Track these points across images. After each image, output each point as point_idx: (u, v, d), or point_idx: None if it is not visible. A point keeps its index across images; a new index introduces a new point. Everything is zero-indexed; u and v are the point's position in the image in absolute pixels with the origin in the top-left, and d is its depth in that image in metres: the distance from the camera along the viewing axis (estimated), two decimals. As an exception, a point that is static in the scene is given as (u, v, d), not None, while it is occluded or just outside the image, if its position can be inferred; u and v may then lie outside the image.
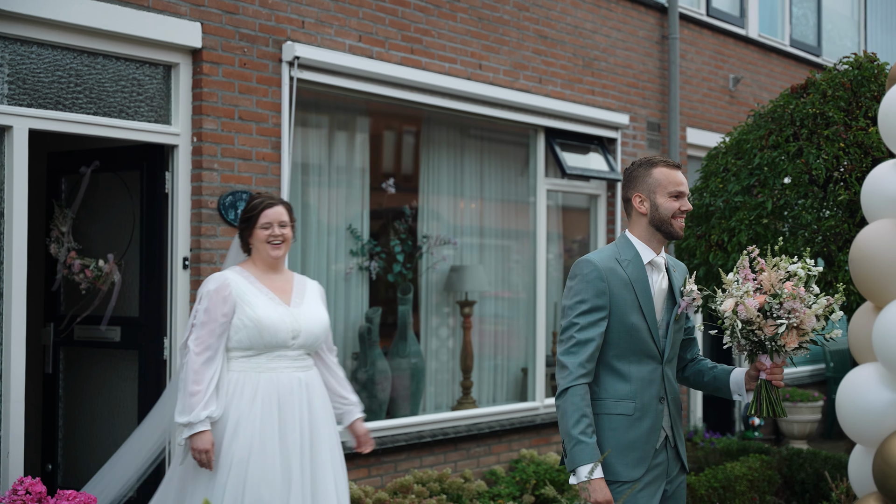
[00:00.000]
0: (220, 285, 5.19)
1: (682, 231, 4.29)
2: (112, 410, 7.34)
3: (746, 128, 7.46)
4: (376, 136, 8.77)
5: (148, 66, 6.91)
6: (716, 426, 12.04)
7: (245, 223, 5.35)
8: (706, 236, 7.18)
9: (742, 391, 4.34)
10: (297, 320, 5.22)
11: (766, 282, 3.83)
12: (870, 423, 2.98)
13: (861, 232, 2.98)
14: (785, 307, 3.76)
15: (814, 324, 3.80)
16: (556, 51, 9.69)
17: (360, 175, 8.44)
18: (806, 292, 3.80)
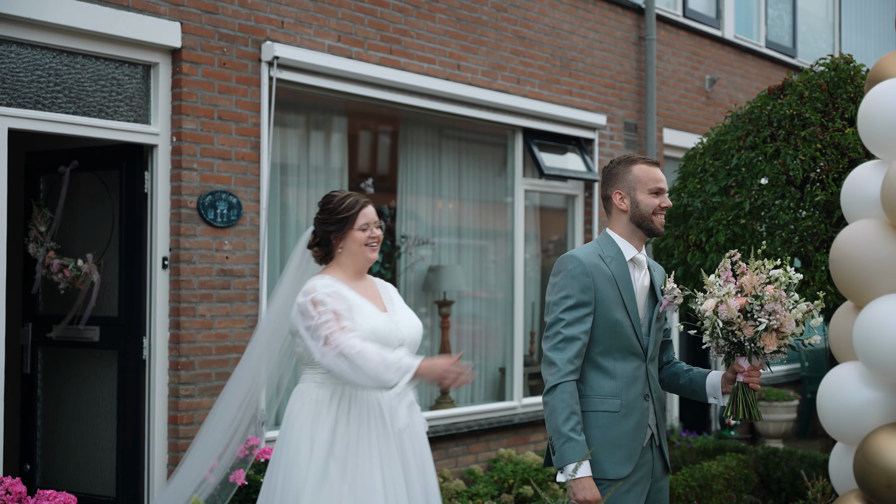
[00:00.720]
0: (332, 290, 4.51)
1: (662, 227, 4.31)
2: (91, 410, 7.32)
3: (724, 128, 7.51)
4: (355, 136, 8.77)
5: (127, 65, 6.90)
6: (692, 425, 12.11)
7: (337, 225, 4.69)
8: (684, 236, 7.22)
9: (718, 394, 4.33)
10: (400, 328, 4.71)
11: (747, 284, 3.85)
12: (850, 422, 3.02)
13: (841, 232, 3.02)
14: (766, 308, 3.78)
15: (793, 328, 3.82)
16: (534, 51, 9.72)
17: (338, 175, 8.44)
18: (787, 297, 3.81)
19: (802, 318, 3.78)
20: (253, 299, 7.36)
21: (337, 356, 4.36)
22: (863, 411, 3.01)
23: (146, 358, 6.98)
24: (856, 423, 3.01)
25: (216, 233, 7.14)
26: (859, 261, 3.00)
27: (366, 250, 4.71)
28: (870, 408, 3.00)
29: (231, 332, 7.22)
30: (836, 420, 3.03)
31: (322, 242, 4.75)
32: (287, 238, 7.99)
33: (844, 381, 3.04)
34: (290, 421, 4.63)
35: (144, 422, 6.99)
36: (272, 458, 4.67)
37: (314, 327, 4.42)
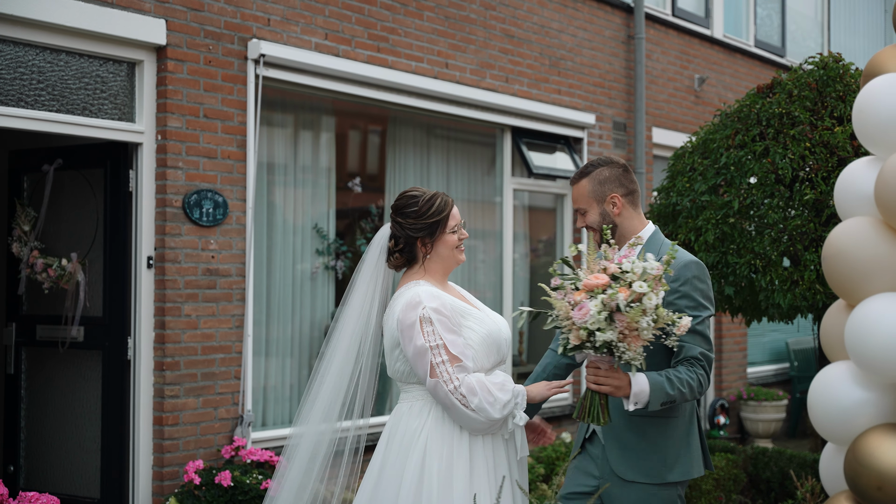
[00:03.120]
0: (438, 303, 4.13)
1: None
2: (75, 411, 7.26)
3: (713, 127, 7.47)
4: (342, 135, 8.72)
5: (112, 63, 6.83)
6: (681, 425, 12.08)
7: (428, 229, 4.25)
8: (673, 235, 7.18)
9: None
10: (500, 327, 4.32)
11: (583, 295, 3.77)
12: (841, 422, 2.97)
13: (834, 230, 2.97)
14: (616, 320, 3.72)
15: (644, 325, 3.70)
16: (523, 50, 9.68)
17: (325, 174, 8.39)
18: (629, 295, 3.70)
19: (654, 313, 3.68)
20: (239, 299, 7.31)
21: (446, 394, 4.05)
22: (854, 411, 2.96)
23: (131, 358, 6.91)
24: (847, 423, 2.96)
25: (202, 232, 7.08)
26: (852, 259, 2.96)
27: (457, 253, 4.29)
28: (861, 408, 2.95)
29: (217, 332, 7.16)
30: (827, 420, 2.99)
31: (405, 248, 4.28)
32: (274, 237, 7.93)
33: (835, 381, 3.00)
34: (411, 446, 4.18)
35: (129, 422, 6.92)
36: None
37: (421, 351, 4.06)
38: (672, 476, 4.16)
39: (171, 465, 6.90)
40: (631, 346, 3.75)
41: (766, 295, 6.73)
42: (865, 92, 2.99)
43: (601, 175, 4.34)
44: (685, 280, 4.07)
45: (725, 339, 12.58)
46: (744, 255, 6.79)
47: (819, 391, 3.00)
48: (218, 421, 7.17)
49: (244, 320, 7.32)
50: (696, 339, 4.02)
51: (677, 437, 4.17)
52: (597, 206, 4.34)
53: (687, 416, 4.21)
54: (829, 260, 2.99)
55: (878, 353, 2.82)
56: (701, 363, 4.02)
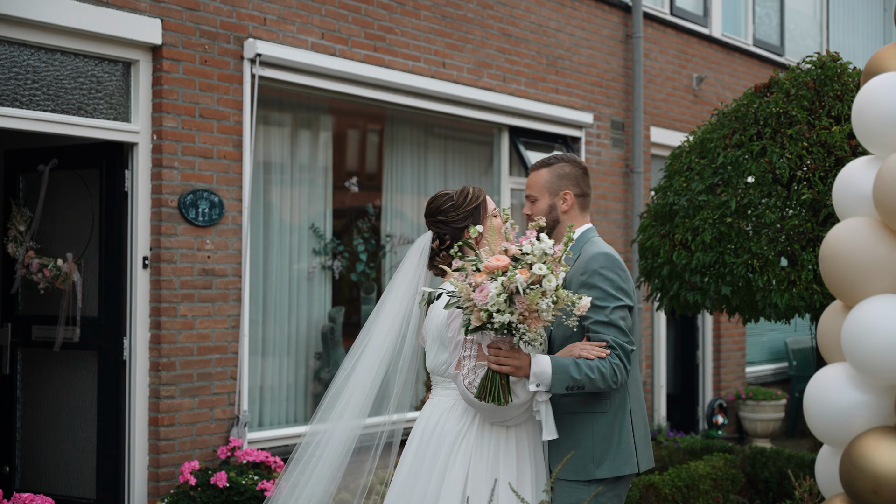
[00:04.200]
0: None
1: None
2: (71, 412, 7.24)
3: (710, 127, 7.45)
4: (339, 135, 8.70)
5: (107, 62, 6.81)
6: (679, 425, 12.05)
7: (473, 214, 4.30)
8: (670, 235, 7.15)
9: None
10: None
11: (483, 277, 3.79)
12: (837, 424, 2.94)
13: (832, 230, 2.94)
14: (516, 302, 3.74)
15: (544, 306, 3.71)
16: (520, 49, 9.66)
17: (322, 173, 8.36)
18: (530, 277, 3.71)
19: (553, 293, 3.70)
20: (235, 299, 7.28)
21: (470, 385, 4.06)
22: (850, 414, 2.93)
23: (126, 359, 6.89)
24: (843, 425, 2.94)
25: (197, 232, 7.05)
26: (850, 259, 2.93)
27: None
28: (857, 410, 2.93)
29: (213, 333, 7.14)
30: (823, 422, 2.96)
31: (452, 246, 4.25)
32: (270, 237, 7.91)
33: (832, 383, 2.97)
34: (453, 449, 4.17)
35: (125, 423, 6.90)
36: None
37: (457, 343, 4.12)
38: (600, 472, 4.08)
39: (167, 466, 6.88)
40: (531, 326, 3.77)
41: (764, 295, 6.70)
42: (865, 91, 2.96)
43: (562, 169, 4.35)
44: (591, 272, 4.05)
45: (724, 338, 12.56)
46: (741, 254, 6.77)
47: (815, 393, 2.97)
48: (214, 421, 7.15)
49: (240, 320, 7.30)
50: (610, 329, 4.00)
51: (603, 432, 4.10)
52: (548, 198, 4.34)
53: (614, 411, 4.12)
54: (827, 261, 2.96)
55: (875, 355, 2.80)
56: (615, 351, 3.99)
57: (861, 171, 3.02)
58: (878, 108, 2.93)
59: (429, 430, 4.24)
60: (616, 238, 10.65)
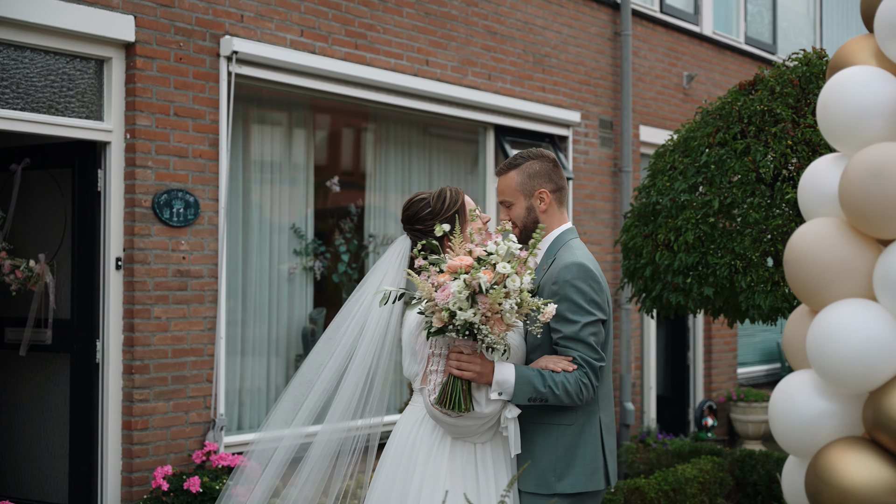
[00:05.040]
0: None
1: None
2: (44, 415, 7.12)
3: (694, 125, 7.32)
4: (321, 134, 8.58)
5: (79, 60, 6.68)
6: (670, 427, 11.93)
7: (451, 221, 4.07)
8: (653, 235, 7.03)
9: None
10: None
11: (447, 277, 3.68)
12: (803, 434, 2.82)
13: (797, 231, 2.81)
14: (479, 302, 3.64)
15: (507, 308, 3.61)
16: (506, 47, 9.53)
17: (304, 173, 8.24)
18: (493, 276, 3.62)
19: (518, 296, 3.61)
20: (211, 300, 7.15)
21: (427, 404, 3.99)
22: (816, 424, 2.80)
23: (99, 361, 6.76)
24: (808, 435, 2.81)
25: (172, 232, 6.93)
26: (815, 262, 2.80)
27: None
28: (823, 420, 2.80)
29: (188, 335, 7.01)
30: (788, 432, 2.83)
31: (435, 250, 4.09)
32: (250, 238, 7.79)
33: (797, 391, 2.84)
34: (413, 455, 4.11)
35: (98, 427, 6.77)
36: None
37: (428, 356, 4.00)
38: (561, 487, 3.93)
39: (141, 471, 6.76)
40: (493, 329, 3.65)
41: (747, 296, 6.58)
42: (830, 85, 2.83)
43: (531, 168, 4.17)
44: (563, 282, 3.90)
45: (715, 339, 12.44)
46: (724, 255, 6.65)
47: (780, 401, 2.84)
48: (189, 425, 7.03)
49: (216, 322, 7.17)
50: (578, 345, 3.85)
51: (565, 445, 3.95)
52: (523, 200, 4.17)
53: (580, 425, 3.97)
54: (791, 263, 2.83)
55: (841, 362, 2.67)
56: (582, 369, 3.84)
57: (826, 170, 2.89)
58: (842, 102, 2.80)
59: (402, 441, 4.13)
60: (604, 238, 10.52)
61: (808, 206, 2.93)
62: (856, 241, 2.72)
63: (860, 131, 2.74)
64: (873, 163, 2.64)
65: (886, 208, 2.57)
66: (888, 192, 2.56)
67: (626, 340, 10.67)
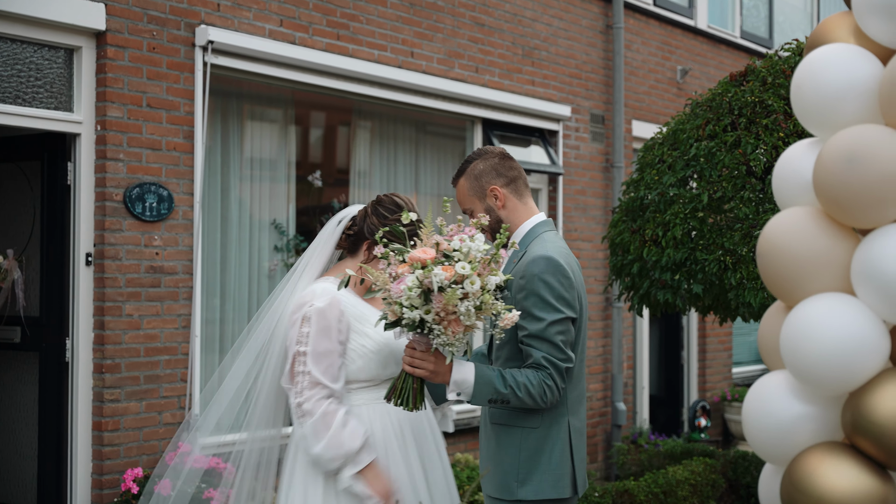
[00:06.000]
0: (329, 301, 3.93)
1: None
2: (12, 416, 6.93)
3: (683, 117, 7.11)
4: (302, 127, 8.36)
5: (47, 49, 6.48)
6: (664, 427, 11.71)
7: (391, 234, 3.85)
8: (640, 231, 6.81)
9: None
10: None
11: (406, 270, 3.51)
12: (778, 439, 2.62)
13: (769, 222, 2.61)
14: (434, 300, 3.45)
15: (464, 309, 3.45)
16: (494, 39, 9.32)
17: (285, 167, 8.03)
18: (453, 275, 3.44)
19: (479, 297, 3.43)
20: (186, 297, 6.95)
21: (296, 407, 3.93)
22: (792, 428, 2.61)
23: (69, 360, 6.56)
24: (784, 441, 2.61)
25: (145, 227, 6.72)
26: (789, 254, 2.60)
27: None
28: (800, 424, 2.60)
29: (161, 333, 6.81)
30: (762, 437, 2.63)
31: (353, 239, 4.13)
32: (228, 233, 7.58)
33: (772, 393, 2.64)
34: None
35: (67, 428, 6.57)
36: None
37: (291, 353, 3.95)
38: (522, 493, 3.75)
39: (112, 473, 6.55)
40: (448, 329, 3.47)
41: (737, 293, 6.36)
42: (804, 65, 2.62)
43: (475, 169, 3.99)
44: (530, 276, 3.71)
45: (710, 338, 12.23)
46: (713, 251, 6.43)
47: (754, 404, 2.63)
48: (163, 426, 6.82)
49: (191, 320, 6.96)
50: (543, 345, 3.66)
51: (529, 449, 3.76)
52: (480, 204, 3.99)
53: (545, 428, 3.77)
54: (764, 256, 2.63)
55: (816, 361, 2.46)
56: (546, 370, 3.64)
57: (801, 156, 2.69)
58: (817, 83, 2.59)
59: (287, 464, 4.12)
60: (595, 235, 10.31)
61: (783, 195, 2.72)
62: (832, 231, 2.51)
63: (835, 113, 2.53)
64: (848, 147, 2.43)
65: (862, 195, 2.37)
66: (864, 177, 2.36)
67: (618, 339, 10.47)
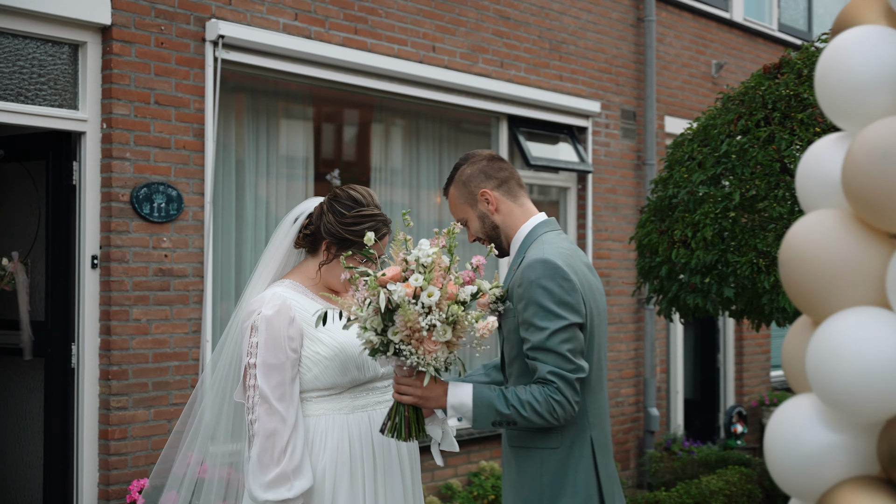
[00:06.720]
0: (278, 306, 3.64)
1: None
2: (18, 423, 6.72)
3: (714, 112, 6.78)
4: (320, 124, 8.10)
5: (50, 44, 6.25)
6: (699, 433, 11.35)
7: (341, 243, 3.72)
8: (669, 231, 6.49)
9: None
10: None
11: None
12: (804, 473, 2.31)
13: (793, 226, 2.31)
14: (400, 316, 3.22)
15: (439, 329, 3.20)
16: (520, 33, 9.01)
17: (302, 166, 7.77)
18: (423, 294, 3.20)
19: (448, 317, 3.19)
20: (196, 301, 6.71)
21: (249, 424, 3.67)
22: (820, 460, 2.30)
23: (75, 366, 6.34)
24: (811, 475, 2.30)
25: (153, 229, 6.48)
26: (815, 263, 2.30)
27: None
28: (829, 456, 2.29)
29: (171, 338, 6.57)
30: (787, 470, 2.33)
31: (311, 238, 3.83)
32: (244, 235, 7.33)
33: (797, 420, 2.33)
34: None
35: (73, 436, 6.35)
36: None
37: (245, 366, 3.65)
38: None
39: (119, 483, 6.32)
40: (420, 349, 3.21)
41: (771, 298, 6.03)
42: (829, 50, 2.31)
43: (463, 175, 3.69)
44: (528, 283, 3.39)
45: (747, 340, 11.86)
46: (745, 253, 6.10)
47: (777, 432, 2.33)
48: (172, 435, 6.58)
49: (202, 324, 6.72)
50: (549, 357, 3.32)
51: (551, 472, 3.44)
52: (472, 211, 3.68)
53: (566, 448, 3.45)
54: (787, 265, 2.32)
55: (847, 384, 2.16)
56: (553, 384, 3.31)
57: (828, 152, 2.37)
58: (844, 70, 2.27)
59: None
60: (626, 235, 9.98)
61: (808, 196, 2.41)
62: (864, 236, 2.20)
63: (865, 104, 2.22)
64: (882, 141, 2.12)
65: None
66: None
67: (651, 342, 10.14)
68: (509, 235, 3.66)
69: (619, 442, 9.85)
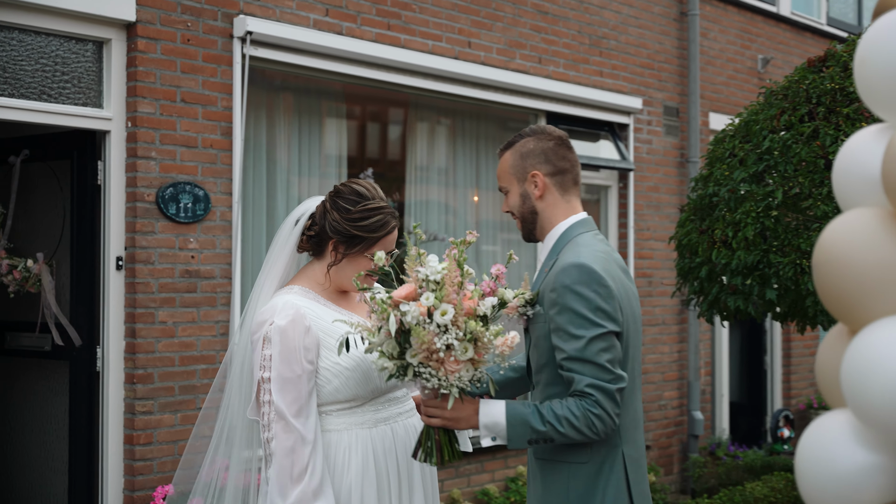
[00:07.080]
0: (292, 316, 3.45)
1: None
2: (43, 427, 6.62)
3: (757, 107, 6.53)
4: (353, 121, 7.94)
5: (74, 41, 6.14)
6: (745, 437, 11.07)
7: (348, 241, 3.56)
8: (709, 231, 6.26)
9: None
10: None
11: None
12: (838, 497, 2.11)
13: (828, 226, 2.11)
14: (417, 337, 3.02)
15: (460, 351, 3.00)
16: (559, 28, 8.80)
17: (335, 164, 7.62)
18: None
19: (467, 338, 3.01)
20: (224, 303, 6.57)
21: (265, 443, 3.49)
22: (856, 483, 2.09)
23: (100, 369, 6.22)
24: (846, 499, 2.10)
25: (179, 229, 6.35)
26: (852, 267, 2.09)
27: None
28: (865, 478, 2.08)
29: (198, 341, 6.44)
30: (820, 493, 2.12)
31: (315, 239, 3.64)
32: (274, 234, 7.17)
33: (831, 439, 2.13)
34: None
35: (98, 441, 6.23)
36: None
37: (259, 380, 3.46)
38: None
39: (144, 489, 6.20)
40: (441, 369, 3.03)
41: (815, 300, 5.78)
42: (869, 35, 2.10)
43: (525, 146, 3.47)
44: (562, 289, 3.21)
45: (794, 342, 11.57)
46: (788, 253, 5.86)
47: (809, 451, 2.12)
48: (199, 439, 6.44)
49: (230, 327, 6.58)
50: (586, 367, 3.14)
51: (581, 488, 3.25)
52: (517, 186, 3.48)
53: (596, 463, 3.26)
54: (822, 268, 2.11)
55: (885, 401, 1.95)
56: (591, 397, 3.12)
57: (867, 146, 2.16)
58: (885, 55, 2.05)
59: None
60: (669, 234, 9.73)
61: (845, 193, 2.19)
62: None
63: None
64: (926, 130, 1.92)
65: (943, 192, 1.86)
66: (946, 169, 1.85)
67: (695, 344, 9.89)
68: (545, 228, 3.46)
69: (662, 446, 9.61)
